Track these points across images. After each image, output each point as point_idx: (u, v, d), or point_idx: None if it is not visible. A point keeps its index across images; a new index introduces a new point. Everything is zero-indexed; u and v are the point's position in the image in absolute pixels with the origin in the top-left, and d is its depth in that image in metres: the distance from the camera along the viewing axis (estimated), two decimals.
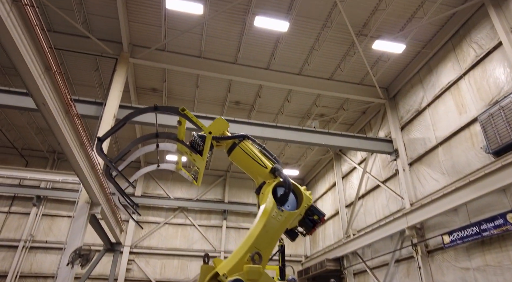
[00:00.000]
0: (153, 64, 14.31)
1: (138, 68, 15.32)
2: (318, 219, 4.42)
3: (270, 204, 4.06)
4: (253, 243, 3.76)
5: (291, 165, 22.57)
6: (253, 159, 4.65)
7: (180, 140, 4.57)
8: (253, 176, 4.87)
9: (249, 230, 4.02)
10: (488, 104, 10.76)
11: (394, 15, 12.51)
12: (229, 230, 22.44)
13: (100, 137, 3.90)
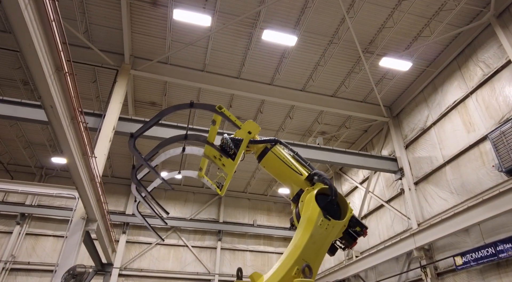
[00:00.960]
0: (155, 76, 13.96)
1: (138, 80, 14.93)
2: (361, 230, 4.06)
3: (315, 212, 3.70)
4: (300, 255, 3.42)
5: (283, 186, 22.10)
6: (287, 165, 4.32)
7: (210, 143, 4.21)
8: (286, 183, 4.53)
9: (293, 241, 3.64)
10: (498, 123, 10.66)
11: (401, 33, 12.56)
12: (224, 251, 21.56)
13: (133, 134, 3.54)
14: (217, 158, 4.35)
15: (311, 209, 3.73)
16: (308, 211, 3.75)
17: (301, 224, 3.72)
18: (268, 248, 22.52)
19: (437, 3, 11.46)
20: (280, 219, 23.81)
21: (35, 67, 4.82)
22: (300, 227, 3.68)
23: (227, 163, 4.24)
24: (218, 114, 3.91)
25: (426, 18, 12.01)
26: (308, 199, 3.88)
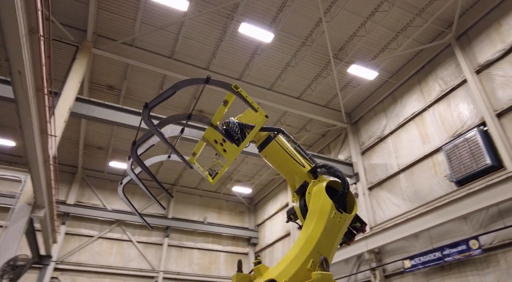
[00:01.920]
0: (118, 58, 13.07)
1: (97, 61, 13.88)
2: (361, 226, 4.08)
3: (328, 205, 3.63)
4: (315, 247, 3.31)
5: (243, 183, 22.03)
6: (290, 156, 4.20)
7: (215, 125, 3.94)
8: (287, 175, 4.42)
9: (305, 233, 3.51)
10: (452, 136, 11.49)
11: (370, 43, 13.05)
12: (171, 248, 20.81)
13: (148, 104, 3.20)
14: (218, 143, 4.09)
15: (322, 201, 3.63)
16: (318, 203, 3.66)
17: (312, 216, 3.62)
18: (216, 246, 22.18)
19: (406, 18, 12.09)
20: (231, 217, 23.61)
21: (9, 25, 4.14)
22: (312, 219, 3.57)
23: (230, 148, 4.00)
24: (234, 93, 3.67)
25: (395, 32, 12.61)
26: (318, 191, 3.79)
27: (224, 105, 3.90)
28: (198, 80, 3.57)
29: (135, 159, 3.77)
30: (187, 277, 20.16)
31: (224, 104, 3.90)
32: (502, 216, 9.40)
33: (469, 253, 9.66)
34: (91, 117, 11.81)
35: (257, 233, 23.12)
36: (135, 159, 3.77)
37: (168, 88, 3.44)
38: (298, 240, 3.49)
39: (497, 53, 10.69)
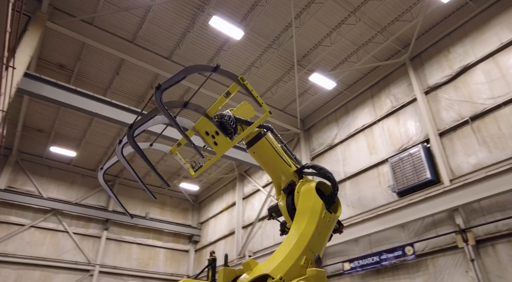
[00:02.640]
0: (75, 35, 12.19)
1: (50, 36, 12.85)
2: (338, 227, 4.24)
3: (319, 204, 3.74)
4: (308, 245, 3.39)
5: (191, 180, 21.66)
6: (278, 154, 4.26)
7: (210, 117, 3.86)
8: (273, 173, 4.47)
9: (296, 230, 3.56)
10: (397, 150, 12.34)
11: (333, 54, 13.60)
12: (109, 241, 19.81)
13: (161, 85, 3.06)
14: (210, 135, 3.99)
15: (313, 201, 3.72)
16: (309, 202, 3.74)
17: (303, 214, 3.69)
18: (157, 242, 21.53)
19: (369, 34, 12.80)
20: (174, 214, 23.08)
21: None
22: (303, 218, 3.63)
23: (222, 142, 3.94)
24: (240, 85, 3.61)
25: (357, 46, 13.28)
26: (308, 191, 3.87)
27: (226, 96, 3.82)
28: (208, 68, 3.49)
29: (132, 143, 3.57)
30: (124, 271, 19.33)
31: (226, 95, 3.81)
32: (435, 226, 10.30)
33: (404, 258, 10.44)
34: (40, 96, 10.94)
35: (199, 230, 22.84)
36: (131, 143, 3.56)
37: (179, 72, 3.31)
38: (290, 237, 3.53)
39: (444, 78, 11.72)
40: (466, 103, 10.90)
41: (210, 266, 8.54)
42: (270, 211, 4.52)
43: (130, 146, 3.75)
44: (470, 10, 11.55)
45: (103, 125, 17.26)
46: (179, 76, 3.27)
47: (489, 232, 9.10)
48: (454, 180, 10.25)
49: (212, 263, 8.55)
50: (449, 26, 12.09)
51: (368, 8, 11.90)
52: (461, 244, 9.24)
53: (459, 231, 9.42)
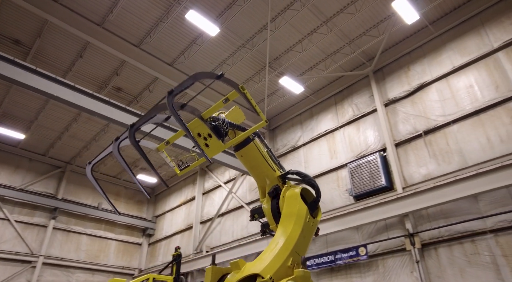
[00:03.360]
0: (38, 11, 11.43)
1: (8, 8, 11.97)
2: (317, 230, 4.51)
3: (304, 209, 3.96)
4: (294, 247, 3.62)
5: (148, 172, 21.19)
6: (264, 159, 4.45)
7: (204, 119, 3.97)
8: (258, 176, 4.62)
9: (283, 233, 3.77)
10: (356, 156, 13.12)
11: (303, 60, 14.06)
12: (56, 231, 18.83)
13: (173, 90, 3.12)
14: (202, 137, 4.08)
15: (298, 206, 3.94)
16: (294, 207, 3.95)
17: (289, 218, 3.88)
18: (108, 234, 20.84)
19: (338, 45, 13.41)
20: (128, 205, 22.46)
21: None
22: (289, 221, 3.83)
23: (214, 144, 4.03)
24: (240, 94, 3.74)
25: (325, 54, 13.85)
26: (293, 196, 4.08)
27: (224, 102, 3.92)
28: (212, 75, 3.58)
29: (133, 142, 3.57)
30: (71, 263, 18.50)
31: (225, 101, 3.92)
32: (387, 229, 11.15)
33: (357, 258, 11.18)
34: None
35: (154, 224, 22.45)
36: (132, 142, 3.56)
37: (187, 78, 3.39)
38: (277, 239, 3.70)
39: (403, 93, 12.64)
40: (421, 118, 11.87)
41: (175, 261, 8.65)
42: (253, 212, 4.71)
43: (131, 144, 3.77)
44: (429, 33, 12.57)
45: (60, 109, 16.36)
46: (188, 82, 3.37)
47: (433, 237, 10.06)
48: (406, 188, 11.16)
49: (176, 259, 8.68)
50: (410, 45, 13.05)
51: (339, 20, 12.48)
52: (409, 247, 10.13)
53: (408, 235, 10.31)
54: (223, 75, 3.56)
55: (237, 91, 3.71)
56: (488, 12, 11.43)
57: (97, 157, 4.32)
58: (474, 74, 11.10)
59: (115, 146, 3.97)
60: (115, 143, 4.01)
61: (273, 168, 4.49)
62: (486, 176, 9.29)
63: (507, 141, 9.66)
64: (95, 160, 4.33)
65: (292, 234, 3.68)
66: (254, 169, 4.52)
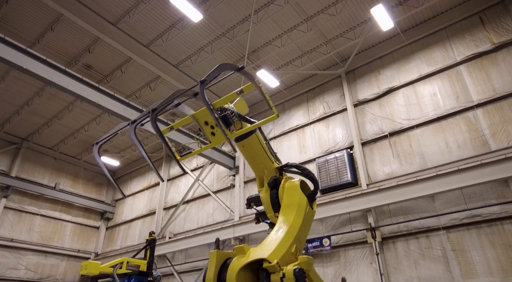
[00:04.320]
0: None
1: None
2: None
3: (304, 200, 4.21)
4: (297, 235, 3.83)
5: (111, 154, 20.58)
6: (264, 150, 4.63)
7: (214, 109, 4.07)
8: (257, 167, 4.78)
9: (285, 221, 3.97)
10: (324, 152, 13.71)
11: (280, 55, 14.33)
12: (8, 211, 17.79)
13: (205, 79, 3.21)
14: (209, 125, 4.17)
15: (299, 197, 4.17)
16: (294, 197, 4.17)
17: (290, 208, 4.07)
18: (65, 215, 20.04)
19: (315, 43, 13.82)
20: (87, 187, 21.69)
21: None
22: (291, 211, 4.03)
23: (220, 134, 4.14)
24: (256, 87, 3.87)
25: (302, 52, 14.22)
26: (293, 187, 4.30)
27: (238, 94, 4.03)
28: (234, 67, 3.68)
29: (154, 126, 3.60)
30: (22, 244, 17.62)
31: (239, 93, 4.02)
32: (350, 222, 11.85)
33: (321, 249, 11.80)
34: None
35: (113, 208, 21.90)
36: (154, 126, 3.59)
37: (214, 69, 3.46)
38: (280, 227, 3.86)
39: (372, 95, 13.36)
40: (388, 120, 12.66)
41: (149, 246, 8.67)
42: (249, 201, 4.87)
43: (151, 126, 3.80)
44: (401, 41, 13.35)
45: (21, 82, 15.40)
46: (215, 73, 3.48)
47: (392, 231, 10.89)
48: (370, 184, 11.91)
49: (151, 243, 8.70)
50: (382, 51, 13.78)
51: (319, 20, 12.86)
52: (370, 240, 10.88)
53: (370, 229, 11.06)
54: (243, 68, 3.71)
55: (254, 84, 3.86)
56: (454, 27, 12.37)
57: (104, 137, 4.29)
58: (438, 84, 12.01)
59: (132, 128, 3.97)
60: (131, 125, 4.01)
61: (271, 160, 4.70)
62: (443, 178, 10.20)
63: (463, 147, 10.64)
64: (102, 140, 4.30)
65: (294, 223, 3.90)
66: (253, 159, 4.67)
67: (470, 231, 9.80)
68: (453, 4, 12.37)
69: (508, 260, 9.03)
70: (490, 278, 9.08)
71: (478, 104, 10.90)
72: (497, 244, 9.30)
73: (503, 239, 9.27)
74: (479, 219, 9.72)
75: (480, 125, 10.66)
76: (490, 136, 10.36)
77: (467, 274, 9.41)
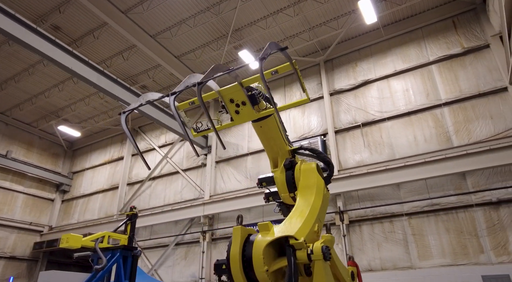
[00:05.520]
0: None
1: None
2: None
3: (322, 183, 4.35)
4: (318, 215, 3.97)
5: (72, 124, 19.46)
6: (280, 132, 4.71)
7: (243, 86, 4.08)
8: (272, 148, 4.80)
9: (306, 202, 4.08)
10: (299, 137, 14.08)
11: (263, 36, 14.28)
12: None
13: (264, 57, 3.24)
14: (234, 103, 4.15)
15: (316, 178, 4.28)
16: (312, 179, 4.25)
17: (309, 189, 4.15)
18: (16, 186, 18.79)
19: (299, 29, 13.96)
20: (42, 157, 20.42)
21: None
22: (310, 192, 4.11)
23: (246, 112, 4.12)
24: (293, 68, 3.91)
25: (285, 36, 14.30)
26: (311, 170, 4.37)
27: (273, 74, 4.04)
28: (278, 46, 3.69)
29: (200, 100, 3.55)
30: None
31: (274, 73, 4.03)
32: None
33: None
34: None
35: (70, 180, 20.87)
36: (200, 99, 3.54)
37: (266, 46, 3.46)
38: (300, 207, 3.90)
39: (348, 86, 13.86)
40: (361, 111, 13.25)
41: (130, 221, 8.50)
42: (261, 180, 4.92)
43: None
44: (379, 35, 13.89)
45: None
46: (268, 50, 3.50)
47: (359, 215, 11.60)
48: (341, 170, 12.50)
49: (132, 218, 8.53)
50: (361, 43, 14.26)
51: (306, 6, 12.98)
52: (338, 222, 11.51)
53: (339, 212, 11.69)
54: (287, 48, 3.75)
55: (291, 66, 3.91)
56: (430, 28, 13.10)
57: (132, 107, 4.14)
58: (411, 80, 12.75)
59: (171, 100, 3.85)
60: (171, 96, 3.90)
61: (285, 142, 4.80)
62: (410, 169, 11.01)
63: (430, 141, 11.50)
64: (129, 110, 4.15)
65: (315, 204, 4.02)
66: (269, 140, 4.69)
67: (429, 217, 10.74)
68: (431, 6, 13.07)
69: (459, 244, 10.07)
70: (443, 259, 10.09)
71: (446, 102, 11.77)
72: (451, 230, 10.31)
73: (457, 226, 10.29)
74: (438, 207, 10.67)
75: (446, 122, 11.55)
76: (453, 133, 11.29)
77: (424, 256, 10.36)
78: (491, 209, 10.03)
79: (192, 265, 14.27)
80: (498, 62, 11.27)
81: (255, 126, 4.59)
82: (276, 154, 4.76)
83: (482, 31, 11.99)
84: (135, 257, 7.56)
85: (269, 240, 3.32)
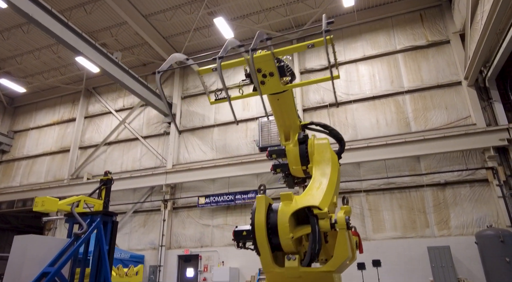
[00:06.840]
0: None
1: None
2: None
3: (336, 158, 4.55)
4: (336, 188, 4.18)
5: (16, 78, 17.60)
6: (294, 107, 4.82)
7: (276, 58, 4.10)
8: (284, 122, 4.86)
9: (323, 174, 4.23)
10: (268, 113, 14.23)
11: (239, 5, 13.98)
12: None
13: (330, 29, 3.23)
14: (261, 73, 4.14)
15: (330, 153, 4.44)
16: (326, 154, 4.38)
17: (324, 163, 4.27)
18: None
19: (276, 2, 13.84)
20: None
21: None
22: (326, 166, 4.22)
23: (272, 84, 4.11)
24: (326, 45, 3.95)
25: (262, 8, 14.14)
26: (324, 145, 4.48)
27: (309, 47, 4.03)
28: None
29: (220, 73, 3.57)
30: None
31: (310, 46, 4.02)
32: None
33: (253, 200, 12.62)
34: None
35: (11, 140, 19.07)
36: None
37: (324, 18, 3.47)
38: (318, 179, 4.03)
39: (318, 66, 14.26)
40: (329, 92, 13.75)
41: (105, 185, 8.15)
42: (271, 152, 4.96)
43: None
44: (352, 19, 14.32)
45: None
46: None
47: None
48: None
49: (107, 183, 8.18)
50: (335, 25, 14.53)
51: None
52: None
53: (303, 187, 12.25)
54: (332, 23, 3.79)
55: (325, 41, 3.96)
56: (399, 18, 13.80)
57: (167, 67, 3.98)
58: (378, 66, 13.46)
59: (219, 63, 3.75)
60: (218, 60, 3.79)
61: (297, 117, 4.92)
62: (371, 150, 11.84)
63: (391, 125, 12.40)
64: (164, 69, 3.98)
65: (332, 177, 4.16)
66: (283, 113, 4.75)
67: (385, 195, 11.75)
68: None
69: (409, 219, 11.22)
70: (394, 232, 11.20)
71: (408, 90, 12.68)
72: (403, 206, 11.42)
73: (408, 203, 11.42)
74: (394, 186, 11.70)
75: (407, 108, 12.49)
76: (412, 119, 12.28)
77: (378, 229, 11.40)
78: (438, 190, 11.26)
79: (151, 233, 14.13)
80: (456, 58, 12.33)
81: (271, 99, 4.59)
82: (289, 127, 4.84)
83: (445, 27, 12.94)
84: (115, 223, 7.32)
85: (294, 209, 3.44)
